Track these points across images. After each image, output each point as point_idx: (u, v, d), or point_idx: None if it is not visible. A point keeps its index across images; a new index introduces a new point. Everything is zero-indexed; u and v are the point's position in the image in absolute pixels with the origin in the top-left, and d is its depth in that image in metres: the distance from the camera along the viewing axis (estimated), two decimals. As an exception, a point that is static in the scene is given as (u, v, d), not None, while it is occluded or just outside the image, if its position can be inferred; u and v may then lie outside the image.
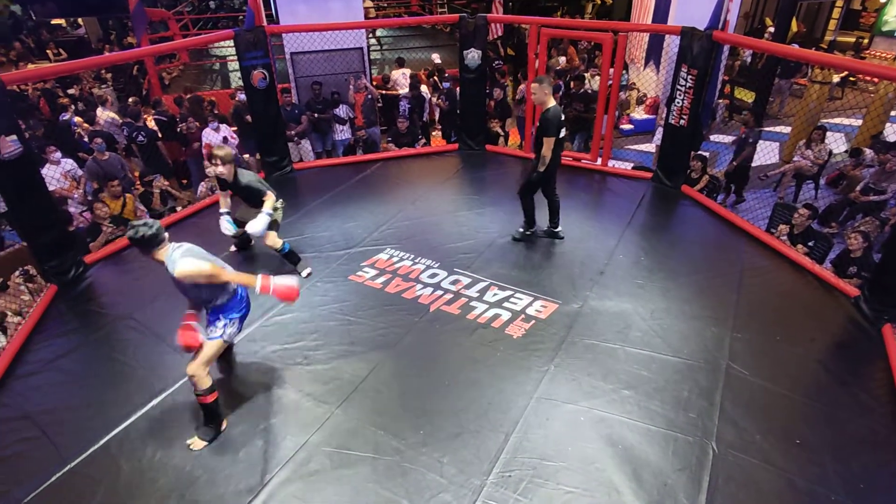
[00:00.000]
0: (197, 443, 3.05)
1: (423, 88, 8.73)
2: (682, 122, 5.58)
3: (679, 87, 5.49)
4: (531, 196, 4.78)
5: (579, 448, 2.99)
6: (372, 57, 9.16)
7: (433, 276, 4.48)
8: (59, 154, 6.08)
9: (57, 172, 5.95)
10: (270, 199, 4.11)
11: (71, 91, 8.79)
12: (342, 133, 7.77)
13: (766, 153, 7.21)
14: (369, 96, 7.79)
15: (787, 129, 8.71)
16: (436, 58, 9.47)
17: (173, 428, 3.17)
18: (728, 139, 8.15)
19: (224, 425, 3.15)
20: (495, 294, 4.24)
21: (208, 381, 3.00)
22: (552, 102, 4.31)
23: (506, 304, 4.12)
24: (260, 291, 2.98)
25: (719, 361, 3.56)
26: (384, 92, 8.69)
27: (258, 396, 3.35)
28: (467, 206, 5.64)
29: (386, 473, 2.87)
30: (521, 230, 4.90)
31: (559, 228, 4.93)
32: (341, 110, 7.66)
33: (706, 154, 6.73)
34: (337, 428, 3.14)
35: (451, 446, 3.01)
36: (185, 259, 2.80)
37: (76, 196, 5.87)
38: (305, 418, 3.21)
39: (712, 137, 8.83)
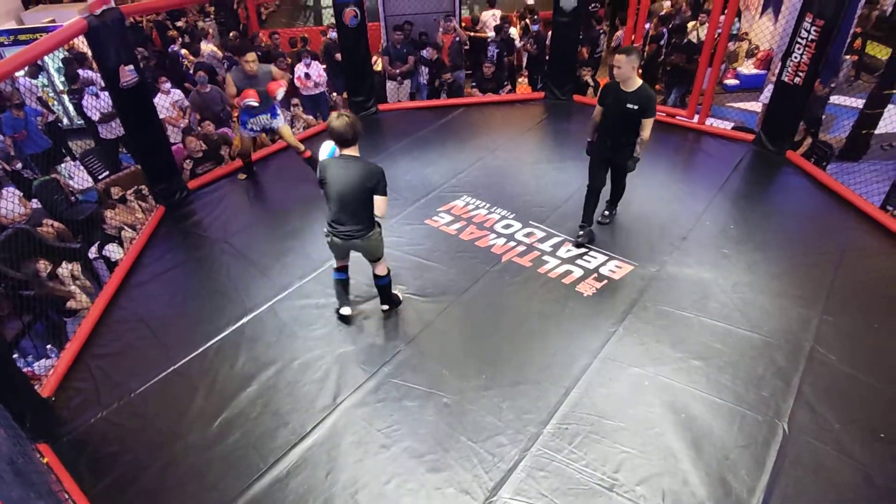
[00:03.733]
0: None
1: (513, 31, 8.38)
2: (797, 80, 5.04)
3: (800, 39, 4.91)
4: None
5: (640, 411, 2.99)
6: (463, -4, 8.84)
7: (507, 226, 4.49)
8: (169, 84, 6.52)
9: (167, 102, 6.40)
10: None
11: (179, 23, 9.26)
12: (428, 75, 7.69)
13: (893, 120, 6.35)
14: (457, 38, 7.61)
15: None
16: (529, -2, 9.02)
17: (260, 343, 3.50)
18: (850, 101, 7.27)
19: None
20: (569, 250, 4.19)
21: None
22: (639, 81, 3.75)
23: (579, 262, 4.08)
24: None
25: (803, 343, 3.37)
26: (472, 34, 8.45)
27: (333, 329, 3.60)
28: (548, 159, 5.51)
29: (447, 410, 3.04)
30: (583, 233, 4.24)
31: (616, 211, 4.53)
32: (427, 52, 7.55)
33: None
34: (405, 363, 3.33)
35: (510, 393, 3.12)
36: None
37: (181, 125, 6.32)
38: (377, 351, 3.42)
39: (832, 99, 7.88)
